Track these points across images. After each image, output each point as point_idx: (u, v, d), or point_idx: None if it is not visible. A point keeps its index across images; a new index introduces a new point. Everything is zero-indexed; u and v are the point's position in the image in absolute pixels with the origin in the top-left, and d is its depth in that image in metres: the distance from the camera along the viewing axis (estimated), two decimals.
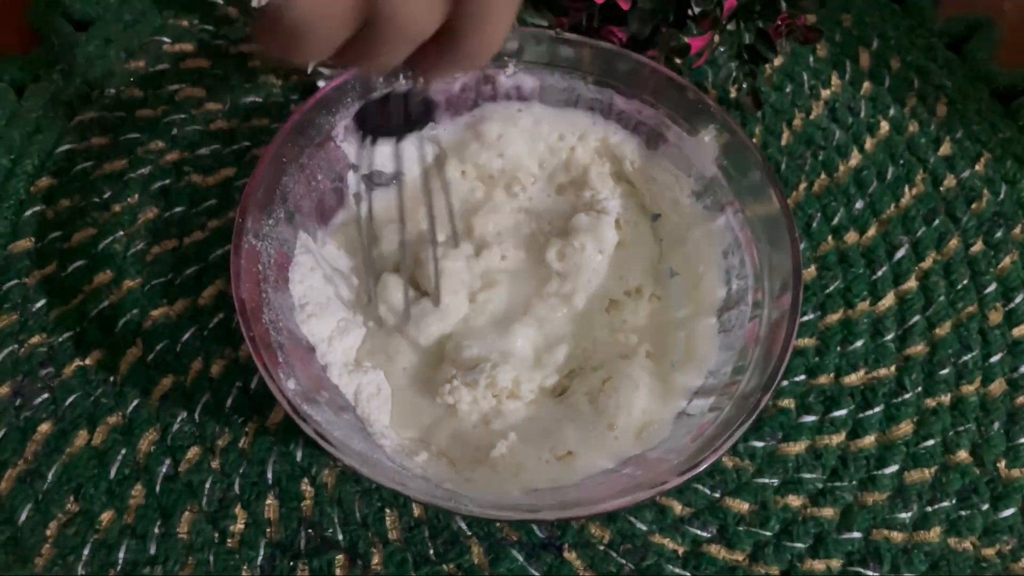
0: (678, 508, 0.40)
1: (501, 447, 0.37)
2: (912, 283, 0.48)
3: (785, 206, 0.38)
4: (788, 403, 0.43)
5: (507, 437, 0.38)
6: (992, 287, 0.48)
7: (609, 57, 0.43)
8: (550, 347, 0.41)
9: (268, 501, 0.39)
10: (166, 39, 0.53)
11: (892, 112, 0.54)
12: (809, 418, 0.43)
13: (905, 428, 0.43)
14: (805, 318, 0.46)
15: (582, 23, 0.48)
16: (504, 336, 0.41)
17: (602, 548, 0.39)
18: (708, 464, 0.32)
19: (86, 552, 0.38)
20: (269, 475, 0.40)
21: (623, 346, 0.42)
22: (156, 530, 0.38)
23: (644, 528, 0.40)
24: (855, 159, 0.52)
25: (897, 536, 0.40)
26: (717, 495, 0.41)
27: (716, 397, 0.37)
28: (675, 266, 0.44)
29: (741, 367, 0.36)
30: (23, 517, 0.38)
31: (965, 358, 0.45)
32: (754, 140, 0.52)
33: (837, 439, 0.43)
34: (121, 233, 0.46)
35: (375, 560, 0.38)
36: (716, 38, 0.51)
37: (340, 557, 0.38)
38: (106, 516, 0.39)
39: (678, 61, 0.50)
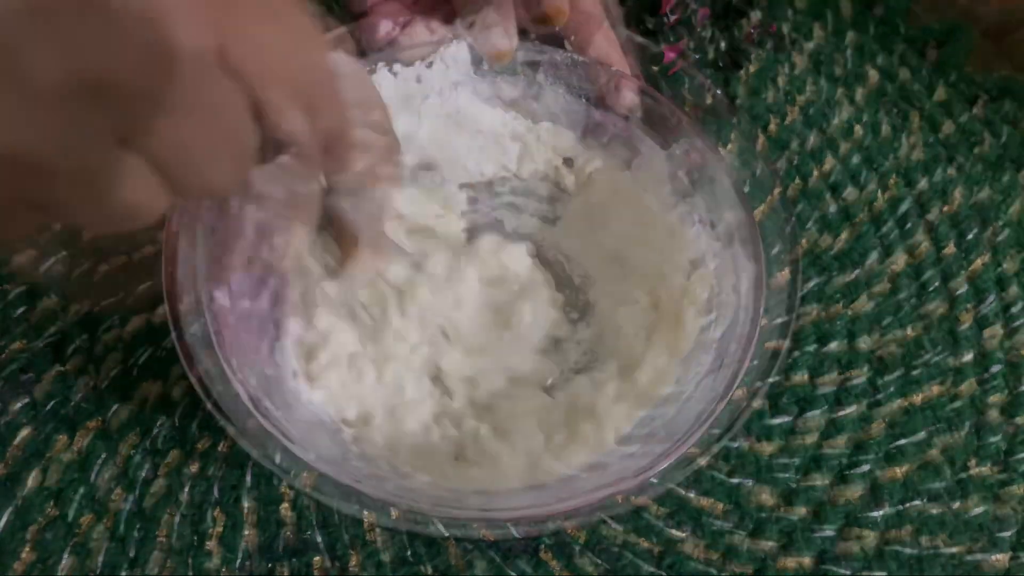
0: (654, 508, 0.41)
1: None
2: (885, 285, 0.48)
3: (750, 215, 0.38)
4: (762, 404, 0.44)
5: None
6: (963, 288, 0.48)
7: (587, 69, 0.44)
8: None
9: (246, 504, 0.40)
10: None
11: (866, 118, 0.55)
12: (783, 419, 0.44)
13: (877, 428, 0.44)
14: (779, 320, 0.47)
15: (556, 32, 0.48)
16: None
17: (578, 548, 0.40)
18: (664, 466, 0.32)
19: (65, 556, 0.38)
20: (248, 478, 0.40)
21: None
22: (135, 534, 0.39)
23: (620, 528, 0.40)
24: (829, 163, 0.53)
25: (869, 535, 0.41)
26: (691, 495, 0.41)
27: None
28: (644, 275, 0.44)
29: (708, 372, 0.37)
30: (3, 522, 0.38)
31: (936, 359, 0.46)
32: (729, 147, 0.53)
33: (811, 439, 0.43)
34: (64, 253, 0.45)
35: (353, 562, 0.39)
36: (690, 45, 0.52)
37: (318, 559, 0.39)
38: (85, 520, 0.39)
39: (653, 69, 0.51)
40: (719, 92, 0.52)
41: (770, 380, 0.44)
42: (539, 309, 0.43)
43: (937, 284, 0.48)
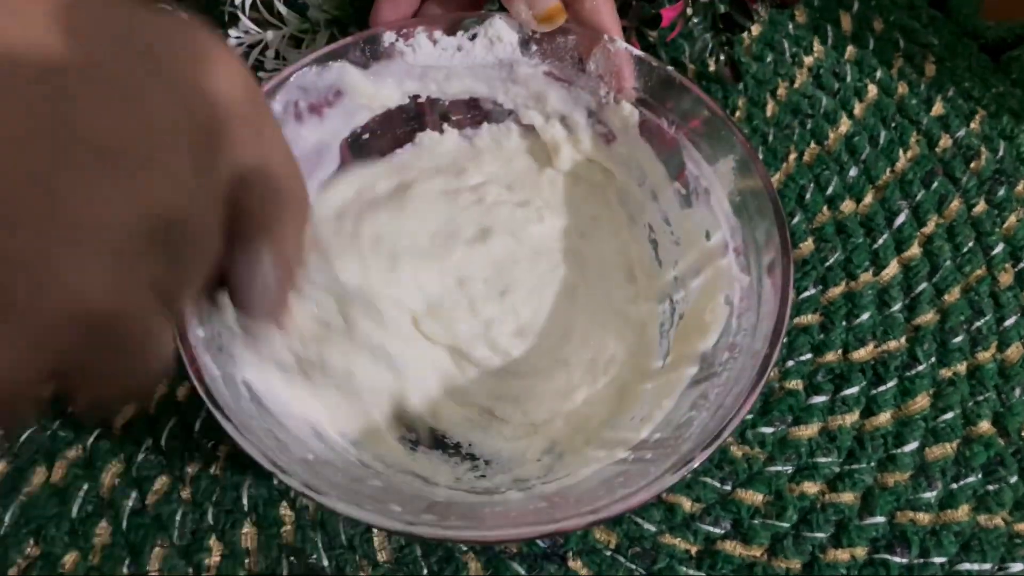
0: (688, 504, 0.38)
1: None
2: (915, 249, 0.45)
3: (769, 184, 0.35)
4: (796, 384, 0.41)
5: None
6: (999, 247, 0.45)
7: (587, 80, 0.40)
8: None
9: (245, 529, 0.36)
10: None
11: (879, 75, 0.52)
12: (819, 399, 0.40)
13: (922, 402, 0.41)
14: (806, 293, 0.44)
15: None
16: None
17: (609, 554, 0.36)
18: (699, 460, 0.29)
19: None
20: (244, 501, 0.37)
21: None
22: (124, 570, 0.35)
23: (653, 529, 0.37)
24: (845, 125, 0.49)
25: (923, 517, 0.38)
26: (728, 488, 0.38)
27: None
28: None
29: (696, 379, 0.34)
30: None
31: (978, 324, 0.43)
32: (737, 114, 0.50)
33: (851, 419, 0.40)
34: None
35: None
36: (689, 9, 0.49)
37: None
38: (70, 558, 0.36)
39: (651, 35, 0.48)
40: (722, 57, 0.49)
41: (803, 358, 0.41)
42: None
43: (971, 244, 0.45)
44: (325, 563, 0.36)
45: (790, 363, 0.41)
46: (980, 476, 0.39)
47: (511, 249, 0.41)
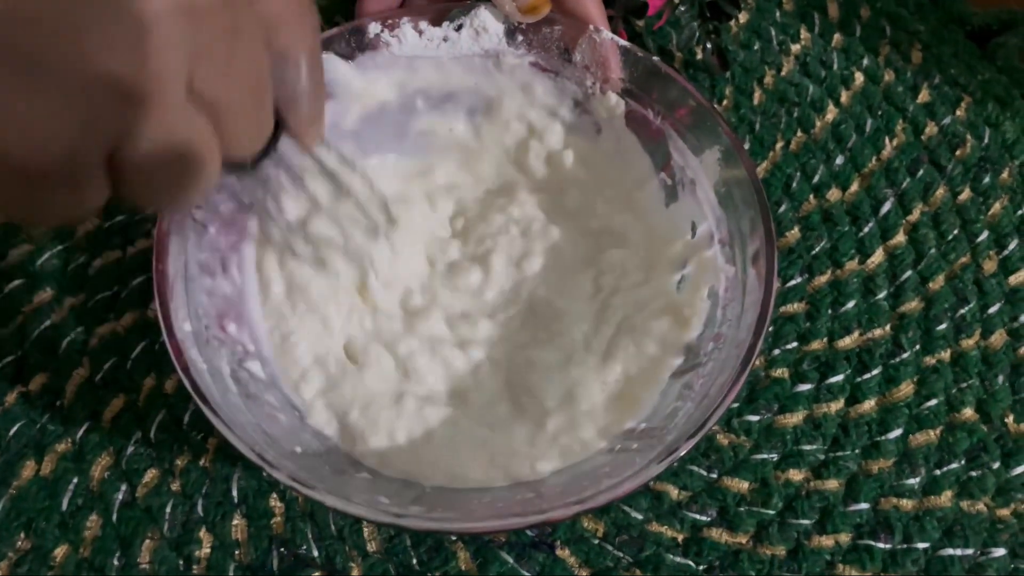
0: (674, 493, 0.38)
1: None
2: (901, 237, 0.45)
3: (754, 174, 0.35)
4: (781, 372, 0.41)
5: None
6: (984, 235, 0.45)
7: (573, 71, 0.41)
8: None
9: (235, 521, 0.37)
10: None
11: (866, 62, 0.52)
12: (804, 386, 0.41)
13: (906, 389, 0.41)
14: (792, 282, 0.44)
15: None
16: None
17: (597, 542, 0.37)
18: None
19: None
20: (234, 493, 0.37)
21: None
22: (115, 562, 0.36)
23: (640, 517, 0.37)
24: (832, 113, 0.50)
25: (907, 504, 0.38)
26: (714, 475, 0.38)
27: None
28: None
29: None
30: None
31: (962, 311, 0.43)
32: (724, 102, 0.50)
33: (836, 406, 0.40)
34: (60, 247, 0.43)
35: (355, 575, 0.36)
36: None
37: (317, 575, 0.36)
38: (60, 551, 0.36)
39: (638, 25, 0.48)
40: (709, 45, 0.49)
41: (789, 347, 0.42)
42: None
43: (956, 232, 0.46)
44: (315, 554, 0.36)
45: (776, 351, 0.42)
46: (963, 462, 0.39)
47: None
